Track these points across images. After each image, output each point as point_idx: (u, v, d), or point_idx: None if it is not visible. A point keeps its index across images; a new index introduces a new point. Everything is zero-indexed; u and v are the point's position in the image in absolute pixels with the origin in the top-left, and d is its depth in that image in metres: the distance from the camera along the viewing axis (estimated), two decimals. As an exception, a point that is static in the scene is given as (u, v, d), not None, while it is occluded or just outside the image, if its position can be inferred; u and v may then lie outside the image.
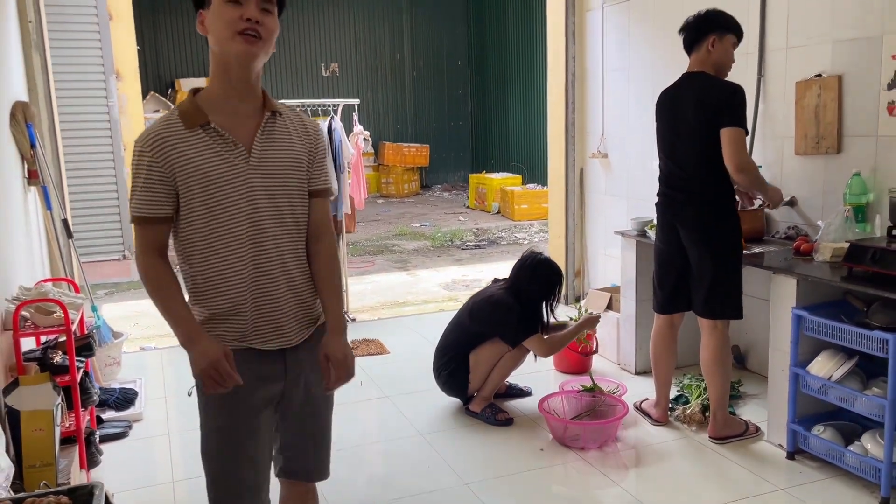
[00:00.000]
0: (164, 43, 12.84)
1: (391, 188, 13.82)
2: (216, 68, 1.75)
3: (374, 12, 14.46)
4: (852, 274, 2.91)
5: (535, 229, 10.31)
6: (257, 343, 1.80)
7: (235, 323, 1.78)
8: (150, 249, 1.74)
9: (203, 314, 1.78)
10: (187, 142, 1.70)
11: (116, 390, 3.86)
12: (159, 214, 1.72)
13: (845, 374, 2.91)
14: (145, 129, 1.73)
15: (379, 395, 4.10)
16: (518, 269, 3.76)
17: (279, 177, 1.78)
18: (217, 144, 1.72)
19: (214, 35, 1.70)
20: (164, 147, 1.69)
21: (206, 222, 1.73)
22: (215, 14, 1.68)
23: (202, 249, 1.75)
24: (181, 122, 1.71)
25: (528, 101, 13.17)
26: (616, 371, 4.31)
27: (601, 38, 5.19)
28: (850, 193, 3.32)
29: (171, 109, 1.78)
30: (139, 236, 1.74)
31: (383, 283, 7.17)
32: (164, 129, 1.71)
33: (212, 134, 1.72)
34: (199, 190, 1.71)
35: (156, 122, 1.73)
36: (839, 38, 3.44)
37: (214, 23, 1.69)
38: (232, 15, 1.67)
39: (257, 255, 1.76)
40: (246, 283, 1.76)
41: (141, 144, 1.70)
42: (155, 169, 1.69)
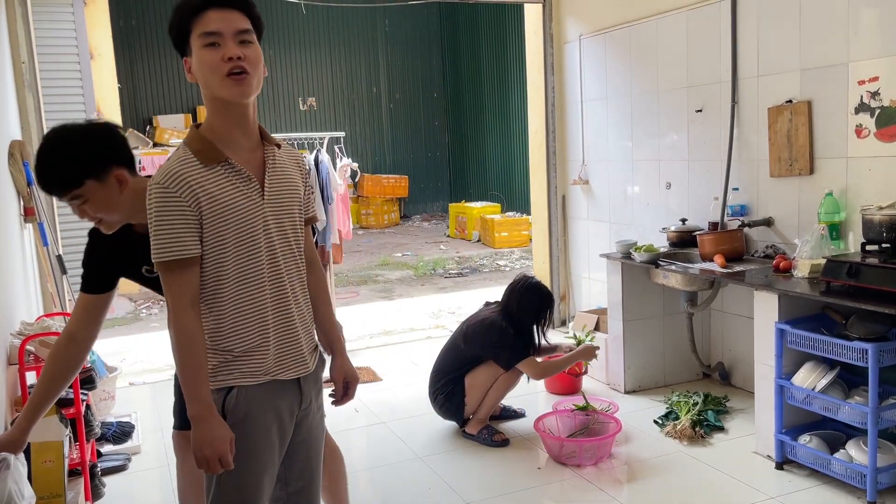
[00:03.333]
0: (141, 80, 12.91)
1: (371, 219, 13.92)
2: (214, 108, 1.73)
3: (350, 46, 14.69)
4: (830, 288, 3.06)
5: (516, 256, 10.45)
6: (281, 374, 1.80)
7: (259, 358, 1.77)
8: (185, 299, 1.68)
9: (227, 357, 1.75)
10: (209, 179, 1.69)
11: (114, 424, 3.87)
12: (192, 255, 1.67)
13: (828, 384, 3.05)
14: (160, 170, 1.68)
15: (375, 421, 4.15)
16: (509, 293, 3.86)
17: (286, 208, 1.82)
18: (236, 180, 1.73)
19: (203, 81, 1.70)
20: (191, 185, 1.66)
21: (234, 259, 1.72)
22: (198, 61, 1.69)
23: (231, 287, 1.73)
24: (197, 160, 1.69)
25: (505, 130, 13.42)
26: (606, 390, 4.41)
27: (579, 68, 5.38)
28: (824, 212, 3.49)
29: (180, 149, 1.74)
30: (173, 285, 1.67)
31: (369, 313, 7.23)
32: (185, 168, 1.68)
33: (229, 170, 1.72)
34: (225, 227, 1.70)
35: (172, 162, 1.69)
36: (807, 66, 3.64)
37: (200, 69, 1.69)
38: (213, 59, 1.67)
39: (275, 287, 1.79)
40: (269, 314, 1.78)
41: (164, 185, 1.65)
42: (184, 207, 1.65)
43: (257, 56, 1.72)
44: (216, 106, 1.72)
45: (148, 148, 10.80)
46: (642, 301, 4.31)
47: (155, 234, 1.66)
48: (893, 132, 3.26)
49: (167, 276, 1.67)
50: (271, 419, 1.79)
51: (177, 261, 1.66)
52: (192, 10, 1.69)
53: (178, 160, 1.69)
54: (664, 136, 4.63)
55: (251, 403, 1.75)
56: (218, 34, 1.67)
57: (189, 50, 1.71)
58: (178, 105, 13.08)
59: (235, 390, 1.74)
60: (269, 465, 1.81)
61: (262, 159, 1.80)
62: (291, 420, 1.85)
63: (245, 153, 1.76)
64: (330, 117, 14.53)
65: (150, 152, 10.35)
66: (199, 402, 1.68)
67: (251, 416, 1.76)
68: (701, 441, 3.61)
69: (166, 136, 11.36)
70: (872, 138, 3.35)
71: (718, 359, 4.44)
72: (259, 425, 1.77)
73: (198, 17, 1.68)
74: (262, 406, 1.76)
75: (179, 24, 1.71)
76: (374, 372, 5.03)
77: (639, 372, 4.35)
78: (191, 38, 1.69)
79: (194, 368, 1.68)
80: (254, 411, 1.76)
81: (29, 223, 3.84)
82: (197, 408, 1.68)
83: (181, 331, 1.67)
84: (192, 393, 1.68)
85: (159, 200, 1.65)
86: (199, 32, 1.67)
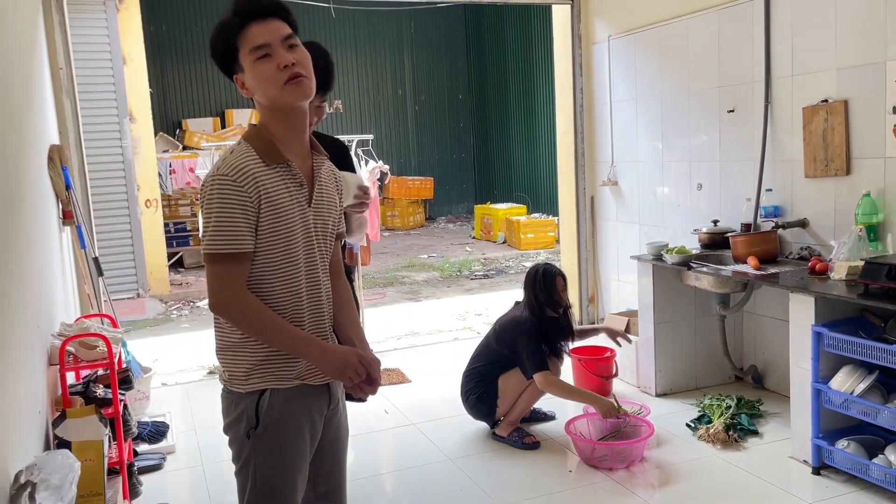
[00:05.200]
0: (171, 85, 13.09)
1: (397, 221, 13.96)
2: (273, 116, 1.74)
3: (376, 49, 14.76)
4: (869, 291, 3.01)
5: (542, 258, 10.41)
6: (312, 379, 1.80)
7: (292, 361, 1.77)
8: (238, 288, 1.68)
9: (258, 356, 1.74)
10: (270, 178, 1.70)
11: (149, 423, 3.93)
12: (247, 249, 1.68)
13: (867, 389, 3.00)
14: (225, 162, 1.68)
15: (404, 422, 4.16)
16: (526, 286, 3.90)
17: (326, 218, 1.84)
18: (291, 183, 1.74)
19: (262, 93, 1.72)
20: (256, 181, 1.67)
21: (279, 259, 1.73)
22: (254, 75, 1.70)
23: (273, 287, 1.73)
24: (260, 158, 1.70)
25: (530, 131, 13.38)
26: (636, 393, 4.38)
27: (608, 69, 5.36)
28: (862, 213, 3.43)
29: (241, 144, 1.74)
30: (225, 275, 1.67)
31: (396, 315, 7.25)
32: (249, 163, 1.68)
33: (286, 173, 1.74)
34: (279, 227, 1.71)
35: (238, 157, 1.69)
36: (843, 65, 3.59)
37: (257, 83, 1.70)
38: (269, 70, 1.68)
39: (311, 292, 1.80)
40: (305, 315, 1.79)
41: (231, 177, 1.65)
42: (248, 202, 1.66)
43: (307, 57, 1.75)
44: (276, 115, 1.74)
45: (178, 151, 10.96)
46: (673, 303, 4.27)
47: (215, 226, 1.65)
48: (933, 132, 3.20)
49: (219, 268, 1.67)
50: (304, 420, 1.81)
51: (231, 255, 1.66)
52: (235, 28, 1.71)
53: (243, 156, 1.69)
54: (695, 137, 4.59)
55: (284, 406, 1.76)
56: (267, 45, 1.69)
57: (238, 67, 1.73)
58: (208, 109, 13.25)
59: (268, 393, 1.75)
60: (302, 465, 1.83)
61: (311, 168, 1.82)
62: (321, 420, 1.86)
63: (298, 159, 1.79)
64: (356, 120, 14.61)
65: (179, 155, 10.52)
66: (311, 342, 1.73)
67: (284, 418, 1.77)
68: (735, 445, 3.57)
69: (195, 139, 11.51)
70: (911, 138, 3.28)
71: (751, 362, 4.39)
72: (292, 428, 1.78)
73: (242, 34, 1.70)
74: (294, 408, 1.78)
75: (225, 45, 1.72)
76: (402, 373, 5.05)
77: (670, 375, 4.31)
78: (239, 55, 1.72)
79: (281, 325, 1.70)
80: (286, 414, 1.77)
81: (67, 226, 3.91)
82: (314, 346, 1.72)
83: (247, 306, 1.68)
84: (299, 340, 1.72)
85: (224, 191, 1.65)
86: (249, 48, 1.69)
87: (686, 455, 3.53)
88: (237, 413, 1.78)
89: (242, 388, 1.75)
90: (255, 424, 1.75)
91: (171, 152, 10.79)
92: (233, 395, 1.79)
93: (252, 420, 1.75)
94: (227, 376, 1.79)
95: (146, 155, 8.54)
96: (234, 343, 1.77)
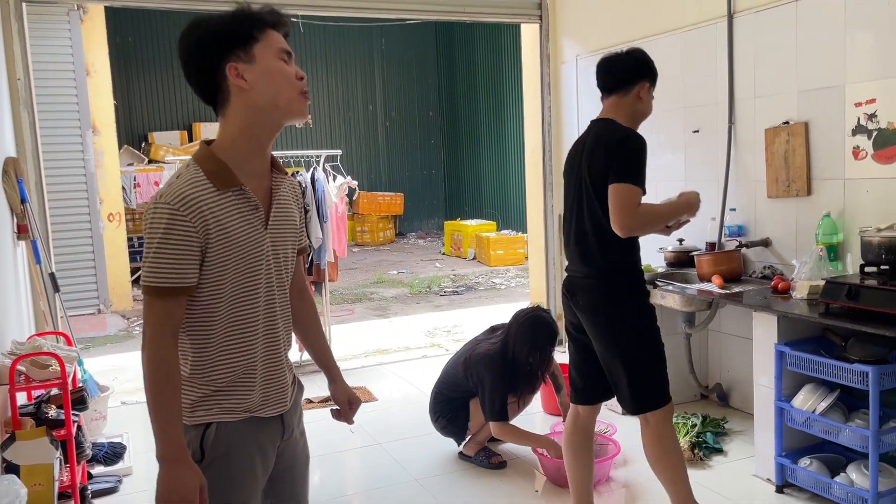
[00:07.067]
0: (137, 97, 12.92)
1: (366, 237, 13.90)
2: (250, 126, 1.63)
3: (347, 64, 14.76)
4: (830, 310, 3.04)
5: (512, 274, 10.43)
6: (263, 412, 1.71)
7: (242, 393, 1.68)
8: (167, 329, 1.56)
9: (207, 391, 1.65)
10: (220, 205, 1.59)
11: (105, 445, 3.82)
12: (187, 284, 1.57)
13: (828, 407, 3.02)
14: (170, 189, 1.56)
15: (371, 442, 4.10)
16: (512, 324, 3.68)
17: (284, 239, 1.75)
18: (244, 208, 1.63)
19: (269, 93, 1.61)
20: (202, 211, 1.56)
21: (230, 289, 1.63)
22: (271, 71, 1.60)
23: (223, 318, 1.64)
24: (210, 183, 1.59)
25: (500, 148, 13.46)
26: (603, 411, 4.33)
27: (576, 88, 5.40)
28: (822, 234, 3.48)
29: (191, 166, 1.62)
30: (157, 311, 1.55)
31: (364, 331, 7.19)
32: (197, 192, 1.57)
33: (240, 197, 1.62)
34: (228, 257, 1.61)
35: (183, 183, 1.57)
36: (804, 88, 3.66)
37: (271, 80, 1.60)
38: (290, 73, 1.62)
39: (267, 320, 1.71)
40: (259, 348, 1.70)
41: (174, 207, 1.54)
42: (192, 234, 1.55)
43: None
44: (253, 127, 1.63)
45: (143, 164, 10.79)
46: (640, 321, 4.27)
47: (154, 257, 1.54)
48: (891, 154, 3.27)
49: (154, 302, 1.55)
50: (254, 451, 1.71)
51: (170, 288, 1.55)
52: (258, 21, 1.62)
53: (190, 182, 1.58)
54: (661, 157, 4.63)
55: (231, 439, 1.67)
56: (290, 54, 1.65)
57: (244, 56, 1.59)
58: (175, 122, 13.09)
59: (214, 426, 1.65)
60: (251, 499, 1.72)
61: (269, 188, 1.72)
62: (274, 451, 1.77)
63: (256, 180, 1.68)
64: (326, 134, 14.56)
65: (144, 168, 10.34)
66: (171, 441, 1.56)
67: (232, 451, 1.67)
68: (700, 464, 3.57)
69: (161, 152, 11.35)
70: (870, 160, 3.35)
71: (716, 380, 4.42)
72: (241, 460, 1.69)
73: (267, 31, 1.62)
74: (243, 441, 1.68)
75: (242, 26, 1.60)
76: (369, 392, 4.98)
77: (636, 393, 4.31)
78: (255, 45, 1.60)
79: (169, 404, 1.56)
80: (235, 447, 1.68)
81: (22, 241, 3.80)
82: (168, 448, 1.56)
83: (159, 362, 1.56)
84: (165, 431, 1.56)
85: (167, 222, 1.54)
86: (277, 47, 1.62)
87: (652, 474, 3.48)
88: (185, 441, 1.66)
89: (188, 419, 1.65)
90: (201, 458, 1.65)
91: (135, 165, 10.62)
92: None
93: (197, 454, 1.65)
94: None
95: (110, 168, 8.39)
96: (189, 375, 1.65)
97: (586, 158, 2.68)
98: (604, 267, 2.69)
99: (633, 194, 2.55)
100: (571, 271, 2.82)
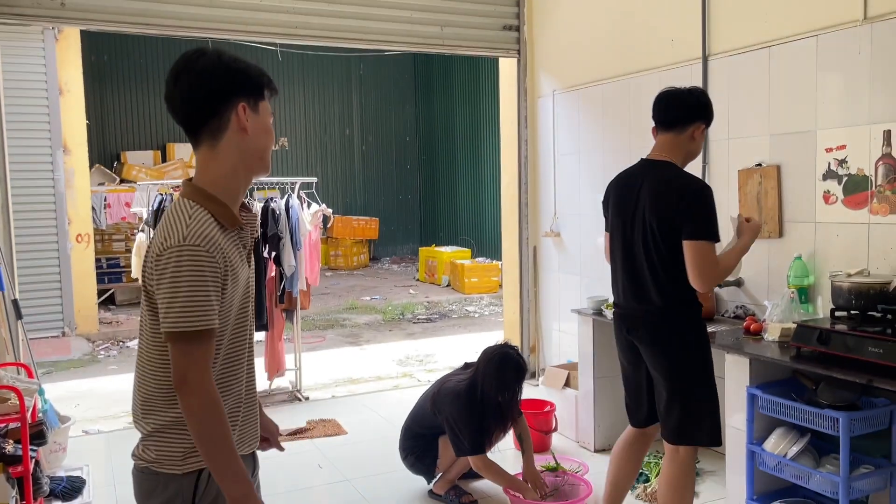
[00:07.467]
0: (111, 116, 12.78)
1: (340, 261, 13.81)
2: (241, 167, 1.67)
3: (325, 88, 14.77)
4: (801, 354, 3.06)
5: (486, 302, 10.41)
6: (241, 449, 1.71)
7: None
8: (209, 372, 1.55)
9: None
10: (228, 245, 1.63)
11: (63, 479, 3.68)
12: (216, 324, 1.58)
13: (799, 452, 3.03)
14: (195, 230, 1.56)
15: (339, 478, 4.02)
16: (481, 360, 3.62)
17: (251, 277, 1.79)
18: (239, 247, 1.68)
19: (260, 145, 1.68)
20: (224, 252, 1.59)
21: (231, 329, 1.66)
22: (266, 128, 1.69)
23: (221, 358, 1.66)
24: (216, 223, 1.61)
25: (476, 176, 13.51)
26: (576, 449, 4.34)
27: (552, 123, 5.44)
28: (794, 276, 3.52)
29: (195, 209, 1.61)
30: (201, 354, 1.54)
31: (335, 359, 7.10)
32: (216, 233, 1.59)
33: (236, 237, 1.68)
34: (235, 295, 1.65)
35: (202, 224, 1.58)
36: (776, 132, 3.72)
37: (265, 135, 1.69)
38: (273, 136, 1.73)
39: (249, 355, 1.75)
40: (244, 388, 1.73)
41: (204, 248, 1.55)
42: (218, 276, 1.57)
43: None
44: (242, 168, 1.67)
45: (114, 184, 10.63)
46: (613, 358, 4.23)
47: (186, 300, 1.52)
48: (860, 200, 3.32)
49: (190, 346, 1.53)
50: None
51: (207, 331, 1.54)
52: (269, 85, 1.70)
53: (204, 222, 1.58)
54: (636, 193, 4.66)
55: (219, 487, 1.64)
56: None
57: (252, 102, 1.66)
58: (148, 142, 12.95)
59: (207, 472, 1.63)
60: None
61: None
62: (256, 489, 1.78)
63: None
64: (302, 157, 14.52)
65: (115, 189, 10.19)
66: (242, 480, 1.57)
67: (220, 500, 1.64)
68: (671, 505, 3.55)
69: (134, 172, 11.20)
70: (840, 205, 3.40)
71: (688, 417, 4.41)
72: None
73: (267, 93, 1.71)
74: None
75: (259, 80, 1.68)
76: (338, 424, 4.90)
77: (609, 430, 4.29)
78: (261, 101, 1.69)
79: (229, 442, 1.56)
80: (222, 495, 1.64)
81: (-16, 266, 3.70)
82: (241, 488, 1.56)
83: (214, 404, 1.54)
84: (233, 471, 1.56)
85: (198, 264, 1.53)
86: (270, 110, 1.72)
87: (624, 515, 3.49)
88: (168, 495, 1.64)
89: (179, 468, 1.62)
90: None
91: (107, 185, 10.46)
92: (160, 476, 1.64)
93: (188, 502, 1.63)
94: (153, 456, 1.64)
95: (80, 188, 8.25)
96: (170, 423, 1.63)
97: (651, 199, 2.73)
98: (668, 302, 2.77)
99: (711, 251, 2.67)
100: (628, 307, 2.91)
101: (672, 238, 2.69)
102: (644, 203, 2.76)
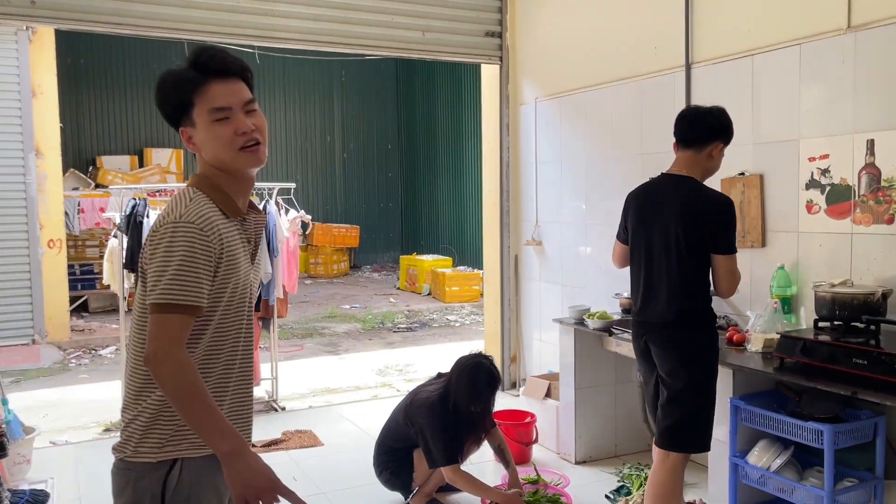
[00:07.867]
0: (86, 119, 12.57)
1: (320, 268, 13.67)
2: (222, 174, 1.68)
3: (306, 94, 14.66)
4: (784, 365, 3.02)
5: (467, 311, 10.33)
6: None
7: None
8: (180, 343, 1.54)
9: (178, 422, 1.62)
10: (229, 232, 1.65)
11: (26, 493, 3.55)
12: (202, 304, 1.58)
13: (783, 465, 2.98)
14: (193, 210, 1.60)
15: (315, 491, 3.91)
16: (454, 370, 3.55)
17: (256, 277, 1.81)
18: (241, 239, 1.70)
19: (213, 154, 1.66)
20: (220, 234, 1.61)
21: (219, 316, 1.65)
22: (208, 136, 1.64)
23: (204, 345, 1.64)
24: (219, 210, 1.65)
25: (458, 184, 13.46)
26: (556, 460, 4.27)
27: (534, 130, 5.40)
28: (777, 286, 3.49)
29: (197, 194, 1.64)
30: (175, 328, 1.54)
31: (313, 369, 6.98)
32: (215, 215, 1.63)
33: (239, 228, 1.70)
34: (228, 283, 1.64)
35: (201, 206, 1.61)
36: (759, 141, 3.69)
37: (210, 143, 1.65)
38: (226, 134, 1.63)
39: (245, 352, 1.74)
40: (232, 381, 1.71)
41: (199, 226, 1.57)
42: (212, 255, 1.59)
43: (264, 122, 1.71)
44: (225, 175, 1.69)
45: (89, 189, 10.44)
46: (594, 369, 4.22)
47: (175, 275, 1.53)
48: (843, 209, 3.30)
49: (169, 318, 1.53)
50: (212, 497, 1.69)
51: (189, 306, 1.55)
52: (194, 82, 1.63)
53: (203, 205, 1.62)
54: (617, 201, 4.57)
55: (193, 483, 1.64)
56: (228, 109, 1.64)
57: (187, 121, 1.66)
58: (125, 146, 12.75)
59: (179, 465, 1.62)
60: None
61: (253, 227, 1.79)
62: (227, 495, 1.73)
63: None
64: (283, 164, 14.39)
65: (90, 194, 10.00)
66: (231, 434, 1.53)
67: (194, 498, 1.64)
68: (653, 518, 3.49)
69: (109, 177, 11.00)
70: (823, 214, 3.38)
71: (670, 429, 4.36)
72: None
73: (201, 90, 1.63)
74: (204, 484, 1.66)
75: (179, 97, 1.64)
76: (315, 436, 4.79)
77: (590, 441, 4.23)
78: (193, 110, 1.64)
79: (208, 401, 1.53)
80: (194, 492, 1.65)
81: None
82: (232, 441, 1.52)
83: (182, 365, 1.52)
84: (218, 428, 1.52)
85: (190, 240, 1.56)
86: (208, 108, 1.63)
87: (605, 529, 3.42)
88: (139, 489, 1.62)
89: (154, 457, 1.61)
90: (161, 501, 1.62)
91: (81, 190, 10.26)
92: (134, 469, 1.62)
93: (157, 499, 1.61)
94: (132, 445, 1.63)
95: (52, 192, 8.07)
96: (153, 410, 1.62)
97: (679, 212, 2.81)
98: (686, 307, 2.84)
99: (736, 264, 2.85)
100: (647, 314, 2.93)
101: (698, 249, 2.80)
102: (670, 215, 2.84)
